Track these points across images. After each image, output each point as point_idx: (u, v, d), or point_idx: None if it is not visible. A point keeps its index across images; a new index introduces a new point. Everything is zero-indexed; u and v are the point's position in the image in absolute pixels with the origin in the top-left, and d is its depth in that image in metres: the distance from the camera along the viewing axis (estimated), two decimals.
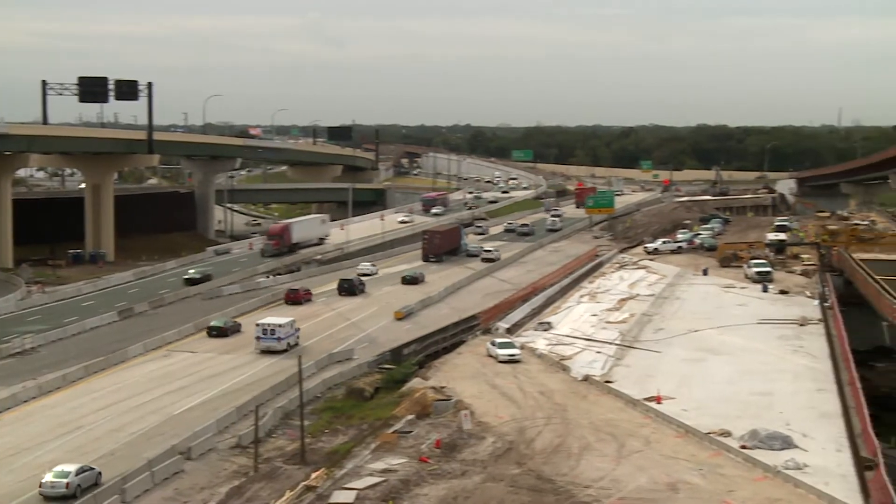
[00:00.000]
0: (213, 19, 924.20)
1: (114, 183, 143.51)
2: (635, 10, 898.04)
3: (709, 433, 48.32)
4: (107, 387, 61.22)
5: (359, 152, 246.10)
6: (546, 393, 57.34)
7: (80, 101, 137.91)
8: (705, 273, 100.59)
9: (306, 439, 49.46)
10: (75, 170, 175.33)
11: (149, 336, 73.51)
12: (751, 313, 79.10)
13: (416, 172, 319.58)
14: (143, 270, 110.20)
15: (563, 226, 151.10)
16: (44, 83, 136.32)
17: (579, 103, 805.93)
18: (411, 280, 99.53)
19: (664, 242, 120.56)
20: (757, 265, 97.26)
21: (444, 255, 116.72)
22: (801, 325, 74.68)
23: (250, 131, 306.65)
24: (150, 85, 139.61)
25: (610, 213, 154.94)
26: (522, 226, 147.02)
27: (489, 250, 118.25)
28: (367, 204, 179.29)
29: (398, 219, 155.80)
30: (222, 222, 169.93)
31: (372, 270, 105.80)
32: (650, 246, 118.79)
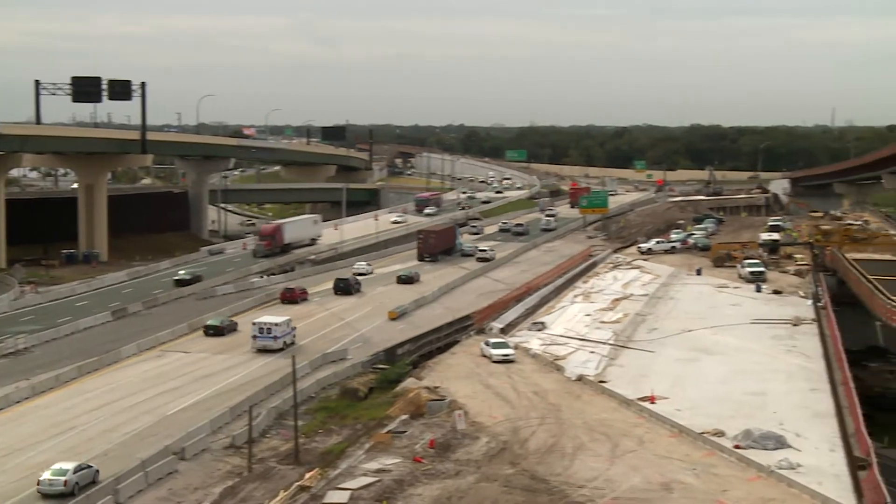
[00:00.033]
0: (213, 19, 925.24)
1: (107, 183, 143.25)
2: (629, 10, 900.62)
3: (702, 433, 48.32)
4: (100, 387, 61.12)
5: (353, 152, 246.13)
6: (540, 393, 57.32)
7: (73, 101, 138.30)
8: (699, 273, 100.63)
9: (300, 439, 49.44)
10: (68, 170, 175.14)
11: (142, 336, 73.36)
12: (744, 313, 79.05)
13: (409, 172, 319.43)
14: (136, 270, 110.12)
15: (558, 226, 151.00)
16: (37, 83, 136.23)
17: (573, 103, 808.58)
18: (407, 279, 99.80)
19: (658, 242, 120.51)
20: (750, 265, 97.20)
21: (439, 254, 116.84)
22: (795, 324, 74.75)
23: (244, 131, 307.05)
24: (143, 85, 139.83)
25: (604, 213, 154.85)
26: (517, 226, 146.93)
27: (484, 250, 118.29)
28: (361, 204, 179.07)
29: (391, 219, 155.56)
30: (216, 222, 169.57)
31: (367, 270, 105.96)
32: (644, 246, 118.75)
